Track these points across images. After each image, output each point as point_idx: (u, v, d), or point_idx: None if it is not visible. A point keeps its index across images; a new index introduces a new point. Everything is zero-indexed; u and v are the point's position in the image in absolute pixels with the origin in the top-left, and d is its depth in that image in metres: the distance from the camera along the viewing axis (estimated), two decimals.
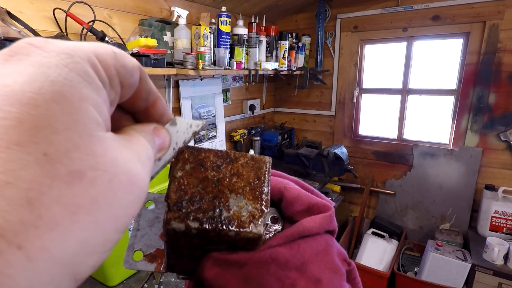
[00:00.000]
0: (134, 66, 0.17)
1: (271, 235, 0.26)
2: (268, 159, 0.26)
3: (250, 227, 0.22)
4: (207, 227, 0.22)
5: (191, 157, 0.24)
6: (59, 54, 0.14)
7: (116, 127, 0.18)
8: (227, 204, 0.23)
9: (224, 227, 0.22)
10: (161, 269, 0.26)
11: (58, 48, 0.14)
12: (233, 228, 0.22)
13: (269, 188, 0.25)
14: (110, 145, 0.14)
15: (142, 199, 0.16)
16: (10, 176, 0.11)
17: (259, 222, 0.23)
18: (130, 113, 0.21)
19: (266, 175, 0.25)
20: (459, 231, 2.25)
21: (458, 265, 1.92)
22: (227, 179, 0.24)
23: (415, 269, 2.27)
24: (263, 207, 0.24)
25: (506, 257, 1.86)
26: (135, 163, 0.16)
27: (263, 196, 0.24)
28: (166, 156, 0.22)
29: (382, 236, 2.28)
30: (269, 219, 0.27)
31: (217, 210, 0.23)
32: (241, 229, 0.22)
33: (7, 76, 0.12)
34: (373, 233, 2.32)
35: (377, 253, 2.22)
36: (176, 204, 0.23)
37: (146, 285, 1.16)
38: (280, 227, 0.27)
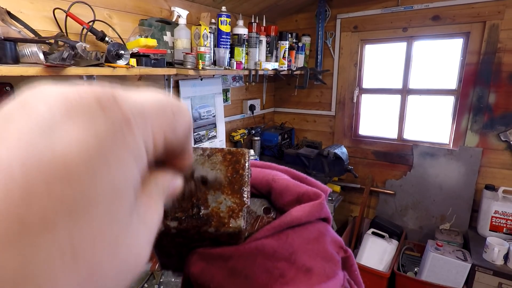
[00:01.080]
0: (184, 129, 0.17)
1: (266, 226, 0.26)
2: (246, 151, 0.25)
3: (230, 222, 0.22)
4: (185, 225, 0.22)
5: None
6: (121, 121, 0.12)
7: None
8: (205, 200, 0.23)
9: (203, 224, 0.22)
10: (156, 268, 0.25)
11: (121, 113, 0.12)
12: (212, 225, 0.22)
13: (249, 181, 0.24)
14: (136, 233, 0.13)
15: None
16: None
17: (239, 216, 0.23)
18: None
19: (245, 168, 0.25)
20: (459, 231, 2.25)
21: (458, 265, 1.92)
22: (204, 175, 0.24)
23: (415, 269, 2.27)
24: (243, 201, 0.23)
25: (506, 257, 1.86)
26: (147, 245, 0.14)
27: (243, 189, 0.24)
28: None
29: (382, 236, 2.28)
30: (262, 210, 0.27)
31: (195, 208, 0.23)
32: (221, 225, 0.22)
33: (62, 139, 0.11)
34: (373, 233, 2.32)
35: (377, 253, 2.22)
36: None
37: (146, 285, 1.16)
38: (273, 217, 0.27)
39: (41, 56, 0.99)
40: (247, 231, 0.24)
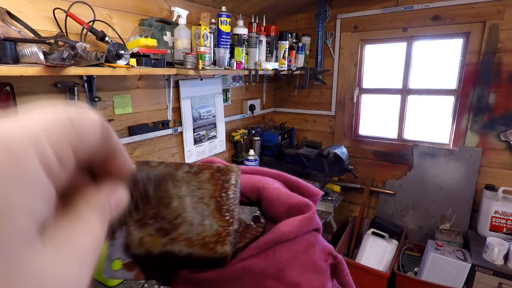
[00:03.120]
0: (93, 129, 0.16)
1: (257, 234, 0.25)
2: (236, 168, 0.24)
3: (216, 248, 0.21)
4: (168, 250, 0.21)
5: (150, 173, 0.22)
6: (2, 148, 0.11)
7: (69, 185, 0.16)
8: (190, 224, 0.22)
9: (187, 249, 0.21)
10: (140, 276, 0.24)
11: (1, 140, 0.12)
12: (196, 250, 0.21)
13: (238, 200, 0.23)
14: (39, 262, 0.12)
15: None
16: None
17: (226, 242, 0.21)
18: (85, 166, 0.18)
19: (234, 188, 0.23)
20: (459, 231, 2.25)
21: (458, 265, 1.92)
22: (191, 196, 0.22)
23: (415, 269, 2.27)
24: (230, 225, 0.22)
25: (506, 257, 1.86)
26: (77, 268, 0.14)
27: (231, 212, 0.22)
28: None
29: (382, 236, 2.28)
30: (251, 219, 0.26)
31: (179, 232, 0.21)
32: (206, 251, 0.21)
33: None
34: (373, 233, 2.31)
35: (377, 253, 2.22)
36: (136, 227, 0.21)
37: (146, 285, 1.16)
38: (264, 225, 0.26)
39: (41, 56, 0.99)
40: (235, 246, 0.23)
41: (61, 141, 0.14)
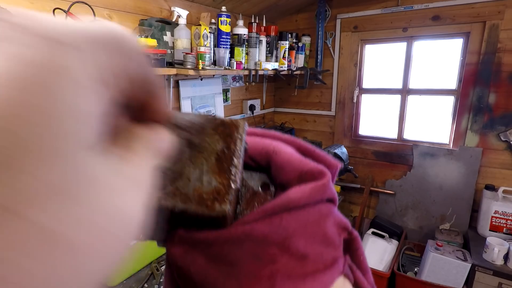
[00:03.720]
0: (137, 52, 0.14)
1: (265, 203, 0.22)
2: (241, 123, 0.22)
3: (214, 206, 0.19)
4: (162, 204, 0.19)
5: None
6: (47, 41, 0.10)
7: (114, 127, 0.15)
8: (187, 179, 0.20)
9: (182, 204, 0.19)
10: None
11: (46, 33, 0.10)
12: (192, 207, 0.19)
13: (242, 159, 0.21)
14: (117, 191, 0.11)
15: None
16: None
17: (225, 200, 0.20)
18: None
19: (237, 143, 0.21)
20: (459, 231, 2.25)
21: (458, 265, 1.92)
22: (190, 150, 0.21)
23: (415, 269, 2.27)
24: (231, 182, 0.20)
25: (506, 257, 1.86)
26: (139, 207, 0.13)
27: (232, 169, 0.21)
28: None
29: (382, 236, 2.28)
30: (260, 186, 0.23)
31: (175, 185, 0.20)
32: (203, 208, 0.19)
33: None
34: (373, 233, 2.32)
35: (377, 253, 2.22)
36: None
37: (146, 285, 1.16)
38: (273, 193, 0.23)
39: None
40: (237, 214, 0.22)
41: (118, 58, 0.12)
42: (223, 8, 1.80)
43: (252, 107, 2.56)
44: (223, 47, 1.80)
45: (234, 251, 0.19)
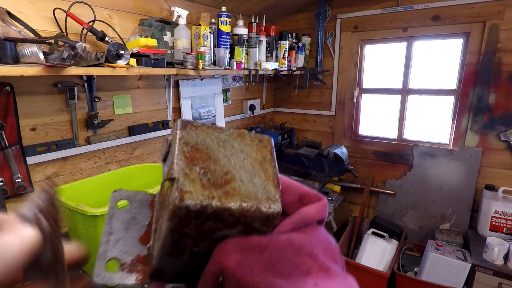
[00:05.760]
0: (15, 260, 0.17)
1: (284, 220, 0.25)
2: (268, 137, 0.25)
3: (268, 204, 0.21)
4: (225, 204, 0.20)
5: (193, 132, 0.22)
6: None
7: None
8: (241, 181, 0.21)
9: (243, 203, 0.20)
10: (145, 279, 0.22)
11: None
12: (251, 205, 0.20)
13: (277, 167, 0.24)
14: None
15: None
16: None
17: (276, 199, 0.22)
18: None
19: (272, 154, 0.24)
20: (459, 231, 2.25)
21: (458, 265, 1.92)
22: (236, 156, 0.22)
23: (415, 269, 2.27)
24: (277, 184, 0.22)
25: (506, 257, 1.86)
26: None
27: (274, 174, 0.23)
28: None
29: (382, 236, 2.28)
30: None
31: (232, 186, 0.21)
32: (261, 205, 0.21)
33: None
34: (373, 233, 2.31)
35: (377, 253, 2.22)
36: (187, 180, 0.20)
37: (146, 285, 1.16)
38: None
39: (41, 56, 0.99)
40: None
41: None
42: (223, 8, 1.80)
43: (252, 107, 2.56)
44: (223, 47, 1.80)
45: (281, 259, 0.21)
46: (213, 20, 1.82)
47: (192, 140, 0.22)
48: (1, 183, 1.16)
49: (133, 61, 1.25)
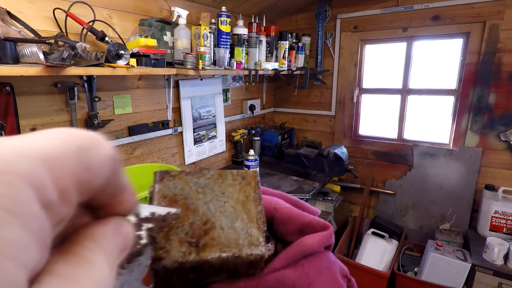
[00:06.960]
0: (103, 163, 0.14)
1: (268, 254, 0.24)
2: (253, 173, 0.24)
3: (250, 249, 0.21)
4: (203, 258, 0.20)
5: (170, 183, 0.22)
6: None
7: (69, 227, 0.14)
8: (221, 228, 0.21)
9: (223, 253, 0.20)
10: None
11: None
12: (232, 254, 0.20)
13: (262, 205, 0.23)
14: None
15: None
16: None
17: (259, 242, 0.21)
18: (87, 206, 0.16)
19: (256, 191, 0.23)
20: (459, 231, 2.25)
21: (458, 265, 1.92)
22: (216, 201, 0.22)
23: (415, 269, 2.27)
24: (260, 226, 0.22)
25: (506, 257, 1.86)
26: None
27: (258, 214, 0.22)
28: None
29: (382, 236, 2.28)
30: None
31: (211, 236, 0.20)
32: (241, 252, 0.20)
33: None
34: (373, 233, 2.31)
35: (377, 253, 2.22)
36: (164, 238, 0.20)
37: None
38: (273, 246, 0.25)
39: (41, 56, 0.99)
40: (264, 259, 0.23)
41: (65, 173, 0.12)
42: (223, 8, 1.80)
43: (252, 107, 2.56)
44: (223, 47, 1.80)
45: None
46: (213, 20, 1.82)
47: (169, 192, 0.22)
48: None
49: (133, 61, 1.25)
